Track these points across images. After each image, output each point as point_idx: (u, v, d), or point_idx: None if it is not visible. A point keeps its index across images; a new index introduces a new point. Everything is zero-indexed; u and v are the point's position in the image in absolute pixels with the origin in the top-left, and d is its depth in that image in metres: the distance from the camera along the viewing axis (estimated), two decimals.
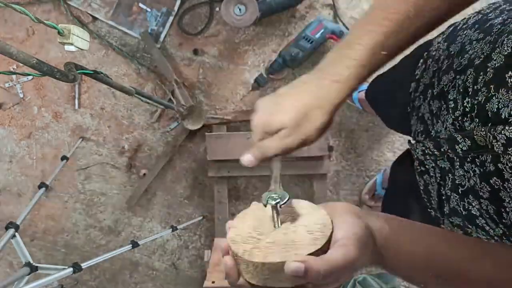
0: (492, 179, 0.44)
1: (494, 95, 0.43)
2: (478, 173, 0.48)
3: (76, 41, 0.56)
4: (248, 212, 0.43)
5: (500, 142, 0.41)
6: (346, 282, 0.89)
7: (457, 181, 0.53)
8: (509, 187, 0.42)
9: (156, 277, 1.59)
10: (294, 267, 0.32)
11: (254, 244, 0.37)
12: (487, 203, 0.47)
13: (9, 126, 1.52)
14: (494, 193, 0.45)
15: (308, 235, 0.37)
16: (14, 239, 0.94)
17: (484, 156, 0.46)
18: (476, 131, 0.45)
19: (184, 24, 1.43)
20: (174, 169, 1.52)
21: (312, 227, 0.38)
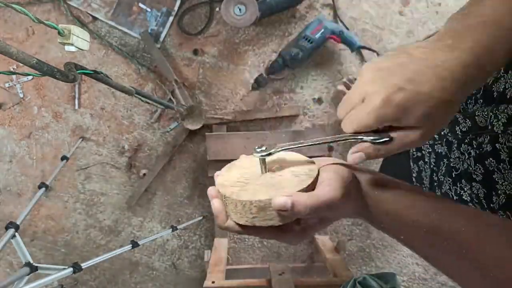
0: (488, 160, 0.45)
1: (503, 76, 0.43)
2: (473, 155, 0.49)
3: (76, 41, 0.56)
4: (236, 163, 0.44)
5: (501, 121, 0.42)
6: (346, 282, 0.89)
7: (452, 164, 0.54)
8: (504, 168, 0.43)
9: (156, 277, 1.59)
10: (282, 201, 0.32)
11: (242, 186, 0.38)
12: (478, 186, 0.48)
13: (9, 126, 1.52)
14: (488, 175, 0.46)
15: (294, 178, 0.37)
16: (14, 239, 0.94)
17: (482, 137, 0.46)
18: (478, 111, 0.46)
19: (184, 24, 1.43)
20: (174, 169, 1.52)
21: (298, 171, 0.39)
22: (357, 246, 1.53)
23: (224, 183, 0.40)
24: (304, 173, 0.38)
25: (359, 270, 1.55)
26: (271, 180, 0.38)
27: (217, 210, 0.38)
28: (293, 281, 1.02)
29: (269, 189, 0.36)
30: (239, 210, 0.36)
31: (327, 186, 0.35)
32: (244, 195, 0.36)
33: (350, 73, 1.43)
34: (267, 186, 0.37)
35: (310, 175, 0.37)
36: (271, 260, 1.55)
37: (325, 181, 0.36)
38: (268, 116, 1.44)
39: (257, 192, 0.36)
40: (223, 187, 0.39)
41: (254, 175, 0.40)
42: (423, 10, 1.40)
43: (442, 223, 0.35)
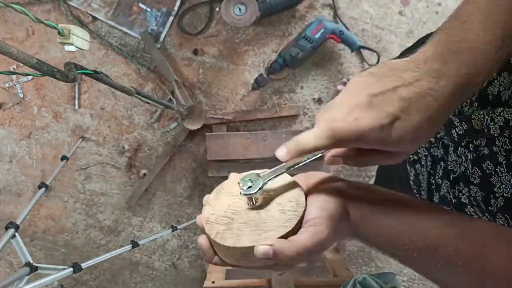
0: (485, 163, 0.45)
1: (496, 78, 0.43)
2: (470, 158, 0.48)
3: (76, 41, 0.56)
4: (225, 187, 0.42)
5: (497, 124, 0.41)
6: (346, 282, 0.89)
7: (449, 167, 0.54)
8: (500, 171, 0.43)
9: (156, 277, 1.59)
10: (263, 251, 0.32)
11: (227, 225, 0.37)
12: (476, 189, 0.48)
13: (9, 126, 1.52)
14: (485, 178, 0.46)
15: (280, 215, 0.36)
16: (14, 239, 0.94)
17: (479, 140, 0.46)
18: (474, 114, 0.45)
19: (184, 24, 1.43)
20: (174, 169, 1.52)
21: (285, 206, 0.37)
22: (357, 246, 1.53)
23: (210, 218, 0.39)
24: (291, 208, 0.37)
25: (359, 270, 1.55)
26: (257, 218, 0.37)
27: (203, 248, 0.38)
28: (293, 281, 1.02)
29: (253, 232, 0.35)
30: (224, 251, 0.36)
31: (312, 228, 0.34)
32: (228, 239, 0.35)
33: (350, 73, 1.43)
34: (251, 227, 0.36)
35: (296, 214, 0.36)
36: None
37: (310, 221, 0.35)
38: (268, 116, 1.44)
39: (240, 236, 0.35)
40: (209, 224, 0.38)
41: (241, 206, 0.39)
42: (423, 10, 1.40)
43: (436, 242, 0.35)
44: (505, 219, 0.44)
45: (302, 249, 0.33)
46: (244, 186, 0.37)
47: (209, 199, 0.41)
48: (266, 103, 1.46)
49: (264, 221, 0.36)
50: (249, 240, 0.34)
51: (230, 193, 0.41)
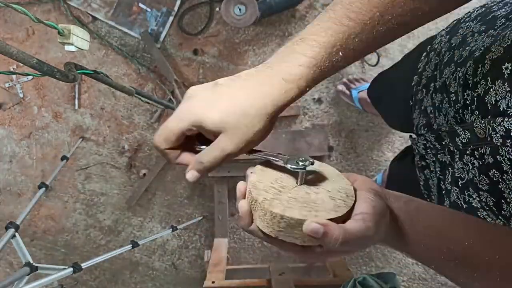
0: (491, 171, 0.45)
1: (492, 87, 0.43)
2: (476, 165, 0.48)
3: (76, 41, 0.56)
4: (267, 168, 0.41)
5: (499, 134, 0.41)
6: (346, 282, 0.89)
7: (456, 174, 0.54)
8: (508, 179, 0.42)
9: (156, 277, 1.59)
10: (314, 227, 0.32)
11: (275, 195, 0.36)
12: (486, 195, 0.48)
13: (9, 126, 1.52)
14: (493, 185, 0.45)
15: (330, 200, 0.36)
16: (14, 239, 0.94)
17: (483, 149, 0.46)
18: (476, 123, 0.45)
19: (184, 24, 1.43)
20: (174, 169, 1.52)
21: (335, 194, 0.37)
22: None
23: (257, 184, 0.38)
24: (341, 198, 0.37)
25: (359, 270, 1.55)
26: (306, 196, 0.37)
27: (243, 212, 0.37)
28: (293, 281, 1.02)
29: (303, 208, 0.35)
30: (267, 219, 0.35)
31: (362, 222, 0.34)
32: (276, 207, 0.34)
33: (350, 73, 1.43)
34: (300, 203, 0.36)
35: (346, 203, 0.36)
36: (271, 260, 1.55)
37: (359, 215, 0.35)
38: None
39: (290, 207, 0.35)
40: (256, 189, 0.37)
41: (289, 183, 0.39)
42: None
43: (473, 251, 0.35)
44: None
45: (350, 237, 0.32)
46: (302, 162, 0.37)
47: (255, 169, 0.41)
48: None
49: (314, 201, 0.36)
50: (299, 213, 0.34)
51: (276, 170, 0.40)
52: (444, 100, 0.54)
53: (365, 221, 0.34)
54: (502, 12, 0.51)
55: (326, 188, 0.38)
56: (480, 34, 0.51)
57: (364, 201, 0.36)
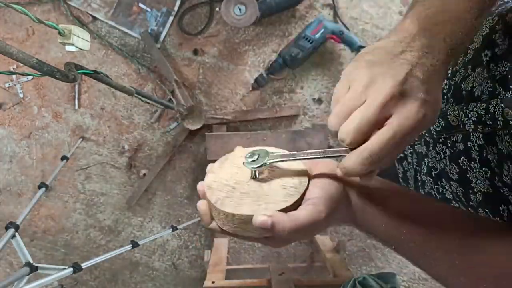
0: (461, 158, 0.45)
1: (471, 74, 0.44)
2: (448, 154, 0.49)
3: (77, 41, 0.56)
4: (230, 157, 0.43)
5: (471, 119, 0.42)
6: (346, 282, 0.89)
7: (430, 163, 0.55)
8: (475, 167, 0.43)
9: (156, 277, 1.59)
10: (261, 221, 0.33)
11: (227, 193, 0.38)
12: (456, 185, 0.48)
13: (9, 126, 1.52)
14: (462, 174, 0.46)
15: (281, 190, 0.37)
16: (14, 239, 0.94)
17: (455, 136, 0.47)
18: (450, 110, 0.46)
19: (184, 24, 1.43)
20: (174, 169, 1.52)
21: (287, 182, 0.38)
22: (357, 246, 1.54)
23: (212, 184, 0.39)
24: (293, 185, 0.37)
25: (359, 270, 1.55)
26: (258, 190, 0.38)
27: (201, 212, 0.38)
28: (293, 281, 1.02)
29: (253, 203, 0.36)
30: (222, 218, 0.37)
31: (312, 207, 0.34)
32: (228, 205, 0.36)
33: None
34: (252, 198, 0.37)
35: (298, 190, 0.37)
36: (271, 260, 1.55)
37: (310, 200, 0.35)
38: (268, 116, 1.44)
39: (241, 204, 0.36)
40: (210, 189, 0.39)
41: (244, 177, 0.40)
42: None
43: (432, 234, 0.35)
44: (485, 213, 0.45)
45: (299, 225, 0.33)
46: (250, 158, 0.38)
47: (212, 167, 0.42)
48: (266, 103, 1.46)
49: (265, 194, 0.37)
50: (249, 209, 0.35)
51: (234, 164, 0.42)
52: None
53: (316, 206, 0.34)
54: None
55: (280, 177, 0.39)
56: None
57: (316, 186, 0.36)
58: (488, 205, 0.44)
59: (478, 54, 0.43)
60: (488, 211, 0.44)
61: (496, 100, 0.38)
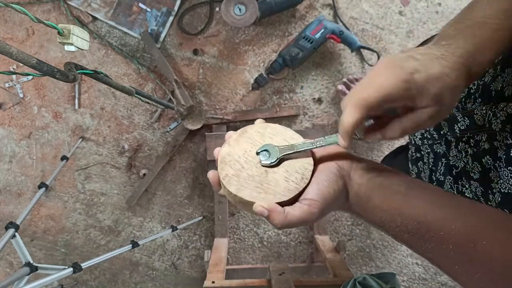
0: (485, 157, 0.46)
1: (500, 74, 0.44)
2: (470, 153, 0.49)
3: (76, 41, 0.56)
4: (248, 131, 0.45)
5: (499, 119, 0.42)
6: (346, 282, 0.89)
7: (451, 162, 0.55)
8: (499, 166, 0.43)
9: (156, 277, 1.59)
10: (259, 210, 0.37)
11: (236, 171, 0.41)
12: (476, 184, 0.49)
13: (9, 126, 1.52)
14: (484, 173, 0.46)
15: (283, 182, 0.40)
16: (14, 239, 0.94)
17: (480, 136, 0.47)
18: (477, 109, 0.46)
19: (184, 24, 1.43)
20: (174, 169, 1.52)
21: (291, 175, 0.40)
22: (357, 246, 1.53)
23: (225, 158, 0.42)
24: (295, 180, 0.40)
25: (359, 270, 1.55)
26: (263, 176, 0.41)
27: (212, 180, 0.42)
28: (293, 281, 1.02)
29: (255, 189, 0.39)
30: (226, 192, 0.41)
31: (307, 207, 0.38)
32: (233, 185, 0.40)
33: (350, 73, 1.43)
34: (255, 183, 0.40)
35: (297, 187, 0.39)
36: (271, 260, 1.55)
37: (306, 201, 0.38)
38: (268, 116, 1.44)
39: (244, 187, 0.39)
40: (223, 163, 0.42)
41: (254, 157, 0.42)
42: (423, 10, 1.40)
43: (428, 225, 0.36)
44: None
45: (291, 221, 0.37)
46: (263, 157, 0.41)
47: (230, 139, 0.44)
48: (266, 103, 1.46)
49: (268, 182, 0.40)
50: (249, 195, 0.39)
51: (250, 140, 0.44)
52: None
53: (310, 207, 0.38)
54: None
55: (286, 168, 0.41)
56: None
57: (317, 186, 0.39)
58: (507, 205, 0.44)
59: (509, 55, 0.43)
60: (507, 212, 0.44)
61: None
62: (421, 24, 1.41)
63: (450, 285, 1.53)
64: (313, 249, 1.52)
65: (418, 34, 1.41)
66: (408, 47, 1.41)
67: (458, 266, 0.35)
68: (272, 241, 1.54)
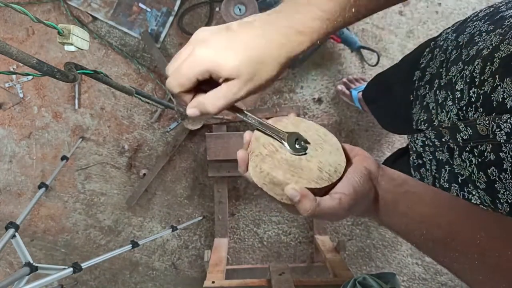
0: (490, 168, 0.45)
1: (500, 84, 0.43)
2: (474, 163, 0.49)
3: (76, 41, 0.56)
4: (284, 121, 0.44)
5: (504, 131, 0.42)
6: (346, 282, 0.89)
7: (456, 170, 0.54)
8: (505, 178, 0.43)
9: (156, 277, 1.59)
10: (292, 193, 0.36)
11: (270, 152, 0.40)
12: (483, 193, 0.48)
13: (9, 126, 1.52)
14: (490, 184, 0.46)
15: (317, 171, 0.39)
16: (14, 239, 0.94)
17: (484, 146, 0.46)
18: (479, 120, 0.46)
19: (184, 24, 1.43)
20: (174, 169, 1.52)
21: (324, 166, 0.40)
22: (357, 246, 1.54)
23: (259, 138, 0.41)
24: (328, 172, 0.39)
25: (359, 270, 1.55)
26: (297, 161, 0.40)
27: (240, 159, 0.41)
28: (293, 281, 1.02)
29: (289, 171, 0.38)
30: (257, 171, 0.39)
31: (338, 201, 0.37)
32: (266, 163, 0.38)
33: (350, 73, 1.43)
34: (289, 166, 0.39)
35: (330, 178, 0.38)
36: (271, 260, 1.55)
37: (338, 194, 0.37)
38: (268, 116, 1.44)
39: (278, 167, 0.38)
40: (257, 142, 0.41)
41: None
42: (423, 10, 1.40)
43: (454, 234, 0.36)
44: None
45: (320, 211, 0.36)
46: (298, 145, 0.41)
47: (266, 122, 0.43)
48: (266, 103, 1.46)
49: (301, 168, 0.39)
50: (283, 175, 0.38)
51: (287, 127, 0.43)
52: (448, 98, 0.55)
53: (341, 202, 0.37)
54: (510, 12, 0.51)
55: (319, 159, 0.40)
56: (488, 33, 0.52)
57: (349, 182, 0.38)
58: None
59: (507, 64, 0.42)
60: None
61: None
62: (421, 24, 1.41)
63: (450, 285, 1.53)
64: (313, 249, 1.52)
65: (418, 34, 1.41)
66: (408, 47, 1.41)
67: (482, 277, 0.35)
68: (272, 241, 1.54)
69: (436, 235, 0.37)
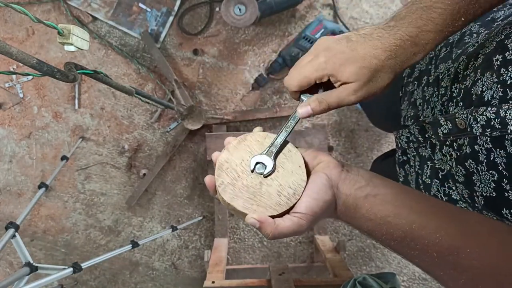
0: (468, 161, 0.46)
1: (480, 78, 0.44)
2: (454, 156, 0.49)
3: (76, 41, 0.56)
4: (248, 139, 0.45)
5: (480, 123, 0.43)
6: (346, 282, 0.89)
7: (436, 165, 0.55)
8: (481, 170, 0.44)
9: (156, 277, 1.59)
10: (251, 221, 0.39)
11: (232, 180, 0.42)
12: (462, 187, 0.49)
13: (9, 126, 1.52)
14: (468, 176, 0.47)
15: (276, 196, 0.41)
16: (14, 239, 0.94)
17: (462, 140, 0.47)
18: (458, 113, 0.47)
19: (184, 24, 1.43)
20: (174, 169, 1.52)
21: (283, 189, 0.41)
22: (357, 246, 1.54)
23: (223, 165, 0.43)
24: (287, 195, 0.41)
25: (359, 270, 1.55)
26: (257, 188, 0.42)
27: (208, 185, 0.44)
28: (293, 281, 1.02)
29: (248, 200, 0.41)
30: (221, 199, 0.42)
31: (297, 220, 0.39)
32: (227, 193, 0.41)
33: None
34: (249, 194, 0.41)
35: (288, 203, 0.40)
36: (271, 260, 1.55)
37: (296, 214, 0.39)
38: (268, 116, 1.44)
39: (238, 197, 0.41)
40: (220, 169, 0.43)
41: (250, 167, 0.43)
42: None
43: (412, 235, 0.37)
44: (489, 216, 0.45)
45: (281, 233, 0.39)
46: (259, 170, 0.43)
47: (229, 146, 0.45)
48: (266, 103, 1.46)
49: (261, 194, 0.41)
50: (242, 205, 0.40)
51: (249, 149, 0.45)
52: (434, 94, 0.56)
53: (300, 220, 0.39)
54: (501, 13, 0.51)
55: (280, 181, 0.42)
56: (478, 35, 0.52)
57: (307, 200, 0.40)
58: (490, 209, 0.44)
59: (489, 59, 0.43)
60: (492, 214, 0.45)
61: (507, 105, 0.39)
62: None
63: None
64: (313, 249, 1.52)
65: None
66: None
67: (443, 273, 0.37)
68: (272, 241, 1.54)
69: (396, 236, 0.38)
